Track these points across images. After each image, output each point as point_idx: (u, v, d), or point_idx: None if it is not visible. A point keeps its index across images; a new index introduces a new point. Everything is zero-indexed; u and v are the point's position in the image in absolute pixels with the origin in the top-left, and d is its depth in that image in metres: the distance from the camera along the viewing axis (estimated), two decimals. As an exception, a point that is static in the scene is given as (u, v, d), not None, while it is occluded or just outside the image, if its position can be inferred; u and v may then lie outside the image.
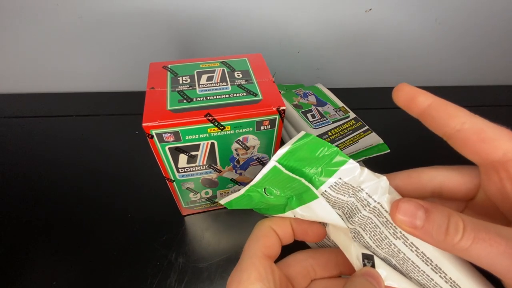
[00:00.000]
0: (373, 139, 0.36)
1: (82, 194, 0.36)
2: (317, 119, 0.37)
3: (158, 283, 0.29)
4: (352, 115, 0.39)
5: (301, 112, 0.38)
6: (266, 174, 0.17)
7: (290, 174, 0.17)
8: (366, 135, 0.36)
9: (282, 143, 0.42)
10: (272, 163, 0.17)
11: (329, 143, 0.17)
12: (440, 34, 0.48)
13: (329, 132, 0.35)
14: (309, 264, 0.20)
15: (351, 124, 0.37)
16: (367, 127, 0.37)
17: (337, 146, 0.34)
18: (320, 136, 0.35)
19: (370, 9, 0.43)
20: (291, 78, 0.50)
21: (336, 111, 0.39)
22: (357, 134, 0.36)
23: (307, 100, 0.41)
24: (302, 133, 0.17)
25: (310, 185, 0.17)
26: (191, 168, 0.27)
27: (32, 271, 0.29)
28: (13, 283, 0.29)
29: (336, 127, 0.37)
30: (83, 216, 0.34)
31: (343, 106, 0.40)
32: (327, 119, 0.38)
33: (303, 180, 0.17)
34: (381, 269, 0.18)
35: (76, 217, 0.33)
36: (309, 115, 0.37)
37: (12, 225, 0.33)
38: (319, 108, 0.39)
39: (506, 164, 0.13)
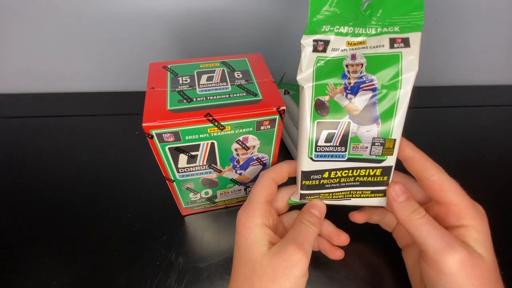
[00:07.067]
0: None
1: (82, 194, 0.36)
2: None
3: (158, 283, 0.29)
4: None
5: None
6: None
7: None
8: None
9: (282, 143, 0.42)
10: None
11: None
12: (439, 33, 0.48)
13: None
14: (287, 198, 0.27)
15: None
16: None
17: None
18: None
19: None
20: (290, 78, 0.50)
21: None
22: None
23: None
24: None
25: None
26: (191, 168, 0.27)
27: (32, 271, 0.29)
28: (13, 283, 0.29)
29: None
30: (83, 216, 0.34)
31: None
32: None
33: None
34: None
35: (76, 217, 0.33)
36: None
37: (12, 224, 0.33)
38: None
39: (448, 207, 0.22)
